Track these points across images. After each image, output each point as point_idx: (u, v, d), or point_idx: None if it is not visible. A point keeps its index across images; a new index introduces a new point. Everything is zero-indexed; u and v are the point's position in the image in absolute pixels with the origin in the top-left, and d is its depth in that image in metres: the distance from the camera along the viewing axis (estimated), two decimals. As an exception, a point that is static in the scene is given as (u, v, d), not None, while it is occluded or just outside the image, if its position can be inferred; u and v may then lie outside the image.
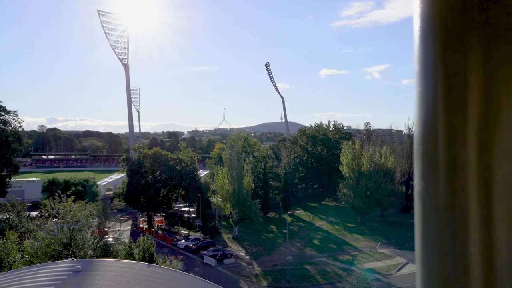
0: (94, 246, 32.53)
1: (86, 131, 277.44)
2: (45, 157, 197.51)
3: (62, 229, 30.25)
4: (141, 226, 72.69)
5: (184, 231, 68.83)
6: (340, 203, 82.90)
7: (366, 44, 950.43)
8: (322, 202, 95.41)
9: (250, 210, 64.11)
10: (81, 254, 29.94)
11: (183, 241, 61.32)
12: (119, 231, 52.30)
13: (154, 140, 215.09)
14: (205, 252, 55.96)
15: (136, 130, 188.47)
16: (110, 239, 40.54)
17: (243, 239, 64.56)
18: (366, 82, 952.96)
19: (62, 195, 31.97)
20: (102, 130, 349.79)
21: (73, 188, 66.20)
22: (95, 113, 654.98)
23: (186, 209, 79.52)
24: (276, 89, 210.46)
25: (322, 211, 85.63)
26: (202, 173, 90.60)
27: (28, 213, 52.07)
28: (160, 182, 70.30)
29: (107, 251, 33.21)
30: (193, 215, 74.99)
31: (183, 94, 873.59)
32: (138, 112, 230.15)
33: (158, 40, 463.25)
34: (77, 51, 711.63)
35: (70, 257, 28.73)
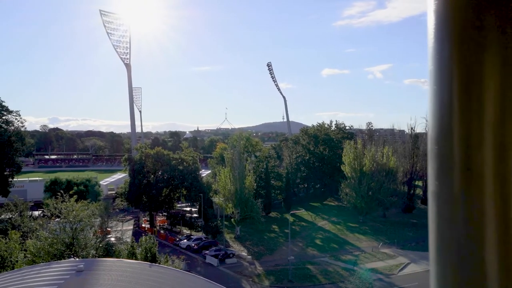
0: (97, 246, 32.59)
1: (88, 131, 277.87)
2: (47, 156, 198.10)
3: (64, 228, 30.34)
4: (143, 225, 72.77)
5: (186, 231, 68.87)
6: (342, 203, 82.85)
7: (368, 43, 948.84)
8: (324, 202, 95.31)
9: (252, 210, 64.10)
10: (83, 253, 30.00)
11: (185, 240, 61.35)
12: (121, 231, 52.37)
13: (156, 140, 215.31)
14: (207, 251, 55.96)
15: (138, 130, 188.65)
16: (112, 239, 40.63)
17: (245, 239, 64.54)
18: (368, 82, 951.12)
19: (64, 195, 32.09)
20: (104, 130, 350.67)
21: (75, 187, 66.47)
22: (97, 113, 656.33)
23: (188, 208, 79.62)
24: (278, 88, 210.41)
25: (324, 211, 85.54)
26: (204, 173, 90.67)
27: (30, 212, 52.19)
28: (162, 181, 70.34)
29: (109, 251, 33.28)
30: (195, 215, 75.04)
31: (185, 94, 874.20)
32: (140, 112, 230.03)
33: (160, 40, 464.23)
34: (79, 51, 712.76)
35: (72, 256, 28.76)
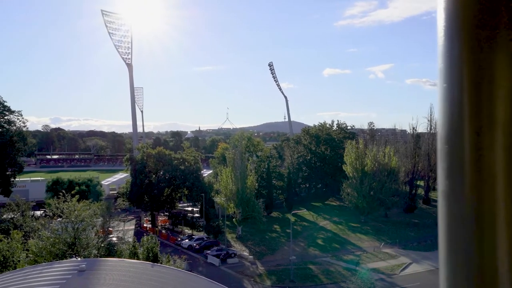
0: (98, 246, 32.60)
1: (90, 131, 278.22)
2: (49, 156, 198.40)
3: (66, 228, 30.34)
4: (144, 225, 72.85)
5: (187, 231, 68.90)
6: (343, 203, 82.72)
7: (369, 43, 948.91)
8: (326, 202, 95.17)
9: (253, 210, 64.06)
10: (85, 253, 30.01)
11: (187, 240, 61.37)
12: (123, 231, 52.48)
13: (158, 139, 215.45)
14: (208, 251, 55.96)
15: (139, 129, 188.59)
16: (114, 239, 40.69)
17: (247, 239, 64.51)
18: (369, 82, 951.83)
19: (66, 195, 32.11)
20: (106, 129, 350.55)
21: (77, 187, 66.44)
22: (99, 113, 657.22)
23: (189, 208, 79.66)
24: (279, 88, 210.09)
25: (325, 211, 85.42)
26: (206, 172, 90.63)
27: (32, 212, 52.29)
28: (163, 181, 70.34)
29: (111, 251, 33.29)
30: (196, 215, 75.07)
31: (187, 94, 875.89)
32: (142, 112, 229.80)
33: (162, 39, 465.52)
34: (81, 51, 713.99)
35: (74, 256, 28.77)
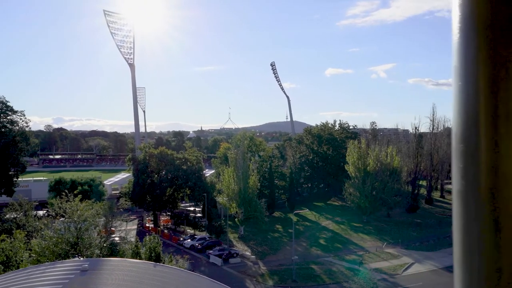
0: (101, 245, 32.59)
1: (92, 131, 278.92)
2: (51, 156, 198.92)
3: (69, 228, 30.33)
4: (147, 225, 72.92)
5: (190, 231, 68.93)
6: (346, 203, 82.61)
7: (371, 43, 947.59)
8: (328, 202, 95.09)
9: (255, 210, 64.06)
10: (88, 253, 30.01)
11: (189, 240, 61.39)
12: (126, 231, 52.35)
13: (160, 139, 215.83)
14: (211, 251, 56.00)
15: (142, 129, 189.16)
16: (117, 239, 40.62)
17: (249, 239, 64.51)
18: (371, 81, 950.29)
19: (69, 195, 32.10)
20: (108, 129, 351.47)
21: (79, 187, 66.51)
22: (101, 112, 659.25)
23: (192, 208, 79.68)
24: (281, 88, 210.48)
25: (328, 211, 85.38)
26: (208, 172, 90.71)
27: (35, 212, 52.28)
28: (166, 181, 70.41)
29: (114, 250, 33.27)
30: (199, 215, 75.10)
31: (189, 94, 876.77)
32: (144, 111, 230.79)
33: (164, 40, 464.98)
34: (83, 51, 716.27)
35: (77, 256, 28.80)
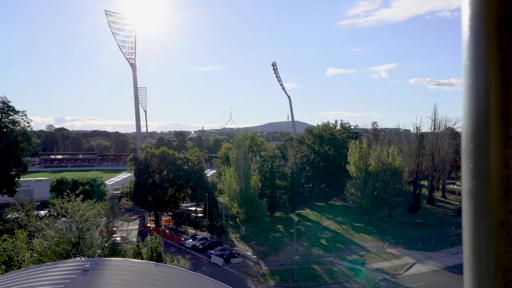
0: (102, 245, 32.66)
1: (94, 131, 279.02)
2: (53, 156, 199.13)
3: (70, 228, 30.43)
4: (148, 225, 72.95)
5: (191, 231, 68.95)
6: (347, 203, 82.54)
7: (373, 43, 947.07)
8: (329, 202, 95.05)
9: (257, 210, 64.01)
10: (89, 253, 30.08)
11: (190, 240, 61.38)
12: (127, 231, 52.37)
13: (161, 139, 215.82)
14: (212, 251, 55.98)
15: (143, 129, 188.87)
16: (118, 238, 40.66)
17: (250, 239, 64.48)
18: (373, 81, 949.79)
19: (70, 195, 32.17)
20: (110, 129, 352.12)
21: (81, 187, 66.72)
22: (103, 112, 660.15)
23: (193, 208, 79.72)
24: (282, 88, 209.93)
25: (329, 211, 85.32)
26: (209, 172, 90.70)
27: (36, 212, 52.40)
28: (167, 181, 70.42)
29: (115, 250, 33.34)
30: (200, 215, 75.13)
31: (190, 94, 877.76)
32: (145, 111, 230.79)
33: (165, 40, 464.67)
34: (84, 51, 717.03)
35: (78, 256, 28.85)
